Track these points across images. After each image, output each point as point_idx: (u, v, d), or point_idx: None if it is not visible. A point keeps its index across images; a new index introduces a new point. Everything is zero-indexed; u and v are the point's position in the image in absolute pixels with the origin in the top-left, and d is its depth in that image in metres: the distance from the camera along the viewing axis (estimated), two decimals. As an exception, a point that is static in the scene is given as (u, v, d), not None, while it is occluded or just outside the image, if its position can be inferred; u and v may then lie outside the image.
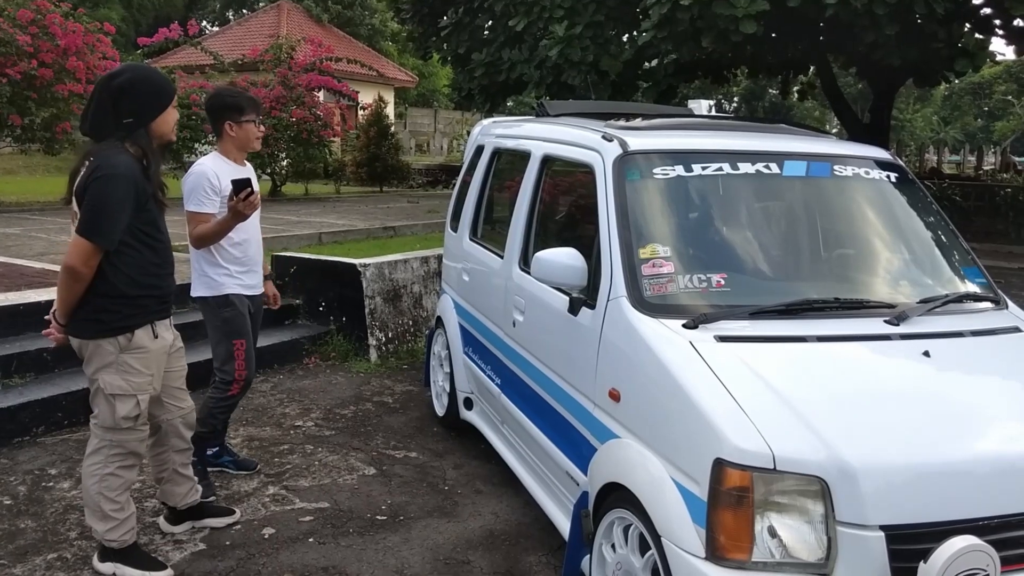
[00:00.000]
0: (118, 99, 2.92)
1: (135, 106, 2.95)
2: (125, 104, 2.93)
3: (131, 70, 3.04)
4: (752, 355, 2.50)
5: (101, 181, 2.83)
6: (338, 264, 6.35)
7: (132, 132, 2.94)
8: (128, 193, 2.86)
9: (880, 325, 2.71)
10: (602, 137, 3.20)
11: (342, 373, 5.96)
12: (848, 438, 2.23)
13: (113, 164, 2.85)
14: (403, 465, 4.38)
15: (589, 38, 12.06)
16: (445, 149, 31.76)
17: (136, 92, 2.95)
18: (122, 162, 2.87)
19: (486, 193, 4.55)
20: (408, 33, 18.11)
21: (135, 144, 2.95)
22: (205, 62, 15.05)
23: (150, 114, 2.99)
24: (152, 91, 3.01)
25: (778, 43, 12.95)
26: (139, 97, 2.96)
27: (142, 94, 2.97)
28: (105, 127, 2.93)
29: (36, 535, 3.48)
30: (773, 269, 3.02)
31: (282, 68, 13.74)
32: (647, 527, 2.47)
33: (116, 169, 2.84)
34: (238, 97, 3.85)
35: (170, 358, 3.24)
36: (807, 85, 18.32)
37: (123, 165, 2.87)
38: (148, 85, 3.00)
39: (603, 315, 2.86)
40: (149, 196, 2.97)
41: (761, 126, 3.73)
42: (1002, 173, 20.00)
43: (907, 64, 11.55)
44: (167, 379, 3.25)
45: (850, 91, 26.10)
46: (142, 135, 2.97)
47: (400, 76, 28.51)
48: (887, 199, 3.28)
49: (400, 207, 13.30)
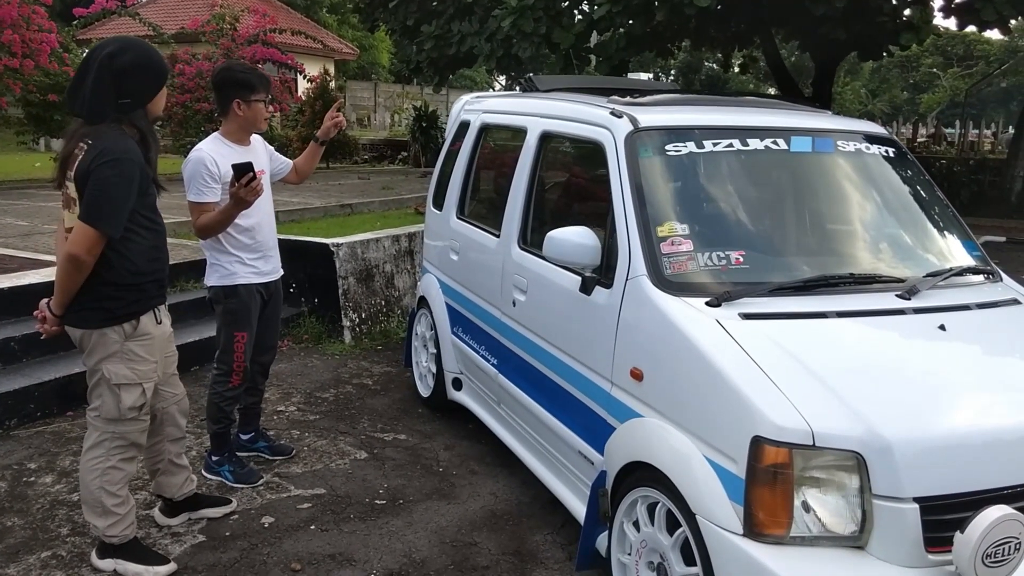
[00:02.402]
0: (120, 79, 2.76)
1: (136, 86, 2.79)
2: (126, 84, 2.77)
3: (132, 48, 2.84)
4: (778, 332, 2.52)
5: (107, 167, 2.68)
6: (309, 244, 6.21)
7: (130, 112, 2.79)
8: (134, 179, 2.73)
9: (893, 300, 2.76)
10: (611, 113, 3.16)
11: (317, 355, 5.85)
12: (881, 412, 2.26)
13: (120, 149, 2.71)
14: (394, 448, 4.33)
15: (542, 9, 11.96)
16: (387, 123, 31.27)
17: (138, 72, 2.80)
18: (129, 147, 2.74)
19: (474, 171, 4.47)
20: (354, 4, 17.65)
21: (132, 126, 2.80)
22: (143, 34, 14.44)
23: (149, 94, 2.84)
24: (152, 71, 2.86)
25: (724, 17, 13.05)
26: (140, 77, 2.81)
27: (144, 74, 2.82)
28: (103, 108, 2.76)
29: (25, 533, 3.33)
30: (787, 245, 3.04)
31: (225, 40, 13.28)
32: (678, 505, 2.48)
33: (124, 154, 2.71)
34: (249, 74, 3.62)
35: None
36: (749, 58, 18.52)
37: (129, 150, 2.73)
38: (149, 64, 2.85)
39: (621, 294, 2.84)
40: (150, 180, 2.84)
41: (756, 100, 3.74)
42: (935, 145, 20.62)
43: (852, 38, 11.77)
44: (163, 365, 3.13)
45: (785, 63, 26.54)
46: (140, 116, 2.83)
47: (341, 48, 27.86)
48: (887, 174, 3.33)
49: (352, 183, 13.05)
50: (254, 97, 3.58)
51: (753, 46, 17.05)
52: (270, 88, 3.73)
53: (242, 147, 3.63)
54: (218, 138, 3.63)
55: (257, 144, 3.77)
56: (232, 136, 3.64)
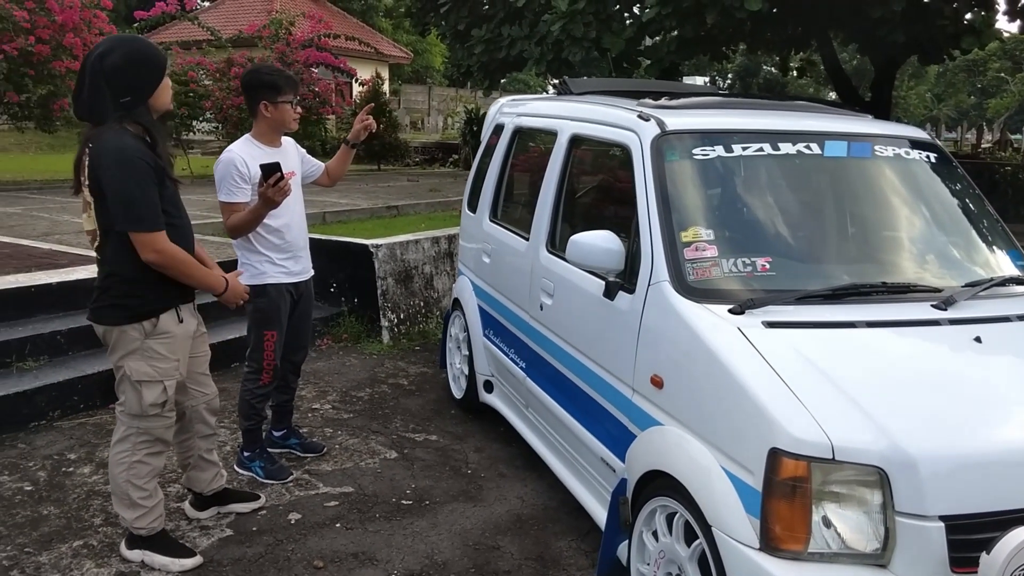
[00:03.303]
0: (112, 79, 2.76)
1: (131, 83, 2.79)
2: (121, 83, 2.77)
3: (120, 45, 2.84)
4: (802, 341, 2.45)
5: (112, 171, 2.72)
6: (349, 244, 6.27)
7: (132, 110, 2.80)
8: (144, 171, 2.75)
9: (928, 310, 2.66)
10: (638, 116, 3.12)
11: (355, 355, 5.90)
12: (906, 427, 2.18)
13: (117, 147, 2.73)
14: (424, 448, 4.34)
15: (592, 14, 11.91)
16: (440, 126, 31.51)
17: (130, 69, 2.79)
18: (126, 144, 2.74)
19: (507, 173, 4.47)
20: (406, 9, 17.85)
21: (135, 122, 2.81)
22: (201, 37, 14.81)
23: (148, 89, 2.84)
24: (146, 65, 2.84)
25: (780, 19, 12.83)
26: (134, 74, 2.80)
27: (137, 70, 2.81)
28: (103, 110, 2.78)
29: (60, 522, 3.43)
30: (817, 252, 2.96)
31: (279, 44, 13.53)
32: (695, 516, 2.44)
33: (121, 152, 2.72)
34: (275, 75, 3.65)
35: (195, 343, 3.17)
36: (806, 62, 18.17)
37: (128, 147, 2.74)
38: (141, 59, 2.83)
39: (643, 300, 2.80)
40: (164, 173, 2.85)
41: (793, 104, 3.66)
42: (1000, 151, 19.97)
43: (911, 41, 11.47)
44: (192, 365, 3.18)
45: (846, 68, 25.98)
46: (142, 112, 2.83)
47: (395, 52, 28.20)
48: (928, 180, 3.23)
49: (401, 186, 13.17)
50: (281, 98, 3.61)
51: (811, 49, 16.74)
52: (298, 89, 3.75)
53: (272, 148, 3.67)
54: (249, 140, 3.67)
55: (288, 146, 3.81)
56: (262, 137, 3.68)
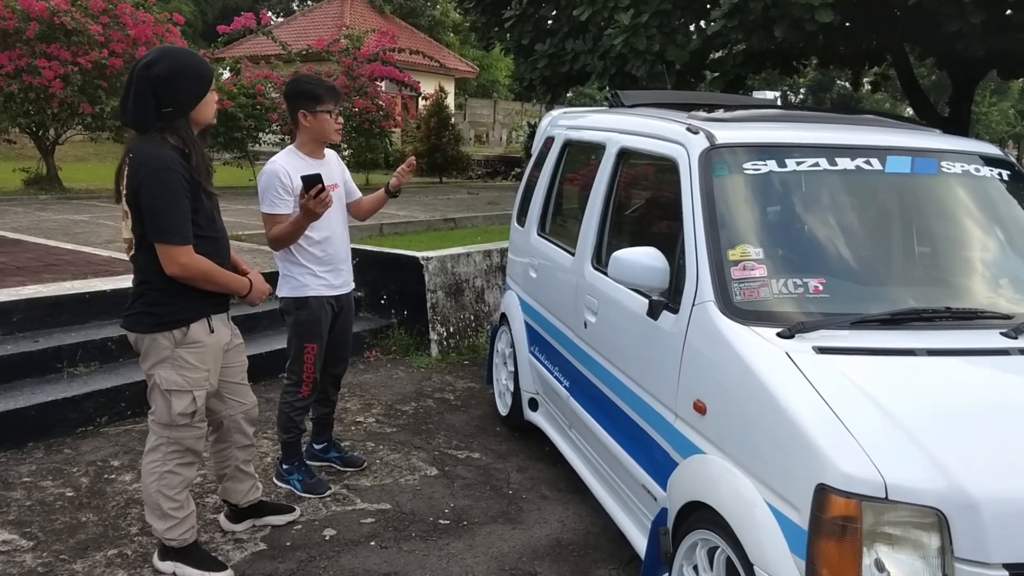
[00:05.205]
0: (158, 89, 2.77)
1: (175, 95, 2.80)
2: (165, 93, 2.78)
3: (167, 57, 2.85)
4: (856, 369, 2.29)
5: (148, 181, 2.73)
6: (400, 257, 6.26)
7: (172, 122, 2.81)
8: (179, 184, 2.76)
9: (996, 338, 2.46)
10: (686, 129, 2.99)
11: (403, 367, 5.86)
12: (968, 465, 2.00)
13: (155, 158, 2.74)
14: (466, 466, 4.25)
15: (655, 27, 11.76)
16: (504, 140, 31.61)
17: (176, 81, 2.79)
18: (165, 156, 2.76)
19: (556, 187, 4.37)
20: (471, 24, 17.95)
21: (175, 135, 2.82)
22: (271, 52, 15.16)
23: (191, 103, 2.84)
24: (192, 78, 2.84)
25: (853, 33, 12.46)
26: (179, 86, 2.80)
27: (182, 82, 2.81)
28: (147, 118, 2.80)
29: (97, 530, 3.44)
30: (876, 274, 2.78)
31: (347, 58, 13.74)
32: (737, 553, 2.29)
33: (160, 163, 2.74)
34: (315, 85, 3.62)
35: (229, 353, 3.15)
36: (881, 76, 17.63)
37: (167, 159, 2.75)
38: (187, 72, 2.83)
39: (687, 320, 2.66)
40: (199, 188, 2.85)
41: (855, 118, 3.48)
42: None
43: (991, 55, 11.00)
44: (228, 375, 3.16)
45: (923, 83, 25.12)
46: (182, 125, 2.83)
47: (461, 67, 28.44)
48: (999, 199, 3.01)
49: (460, 198, 13.20)
50: (320, 108, 3.57)
51: (886, 63, 16.25)
52: (339, 99, 3.70)
53: (315, 160, 3.65)
54: (292, 151, 3.65)
55: (331, 158, 3.79)
56: (305, 148, 3.65)
